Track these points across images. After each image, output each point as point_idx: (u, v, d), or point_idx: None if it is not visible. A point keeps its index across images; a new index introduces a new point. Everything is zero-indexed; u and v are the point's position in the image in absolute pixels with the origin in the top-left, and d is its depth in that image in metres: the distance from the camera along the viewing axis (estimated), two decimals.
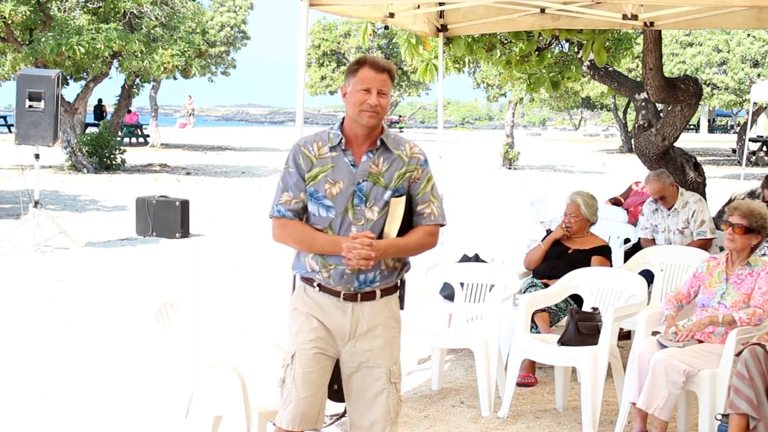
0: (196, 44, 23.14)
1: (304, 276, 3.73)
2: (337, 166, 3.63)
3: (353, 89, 3.61)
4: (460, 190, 18.42)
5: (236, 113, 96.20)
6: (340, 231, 3.62)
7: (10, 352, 6.88)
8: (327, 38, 39.49)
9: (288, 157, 3.69)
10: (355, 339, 3.69)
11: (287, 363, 3.71)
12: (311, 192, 3.64)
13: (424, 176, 3.71)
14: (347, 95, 3.64)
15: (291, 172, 3.66)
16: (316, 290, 3.70)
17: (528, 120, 74.68)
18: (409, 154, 3.69)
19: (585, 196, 6.66)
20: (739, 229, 5.12)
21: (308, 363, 3.68)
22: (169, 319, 4.73)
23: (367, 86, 3.59)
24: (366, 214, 3.62)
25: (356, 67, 3.63)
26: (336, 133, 3.67)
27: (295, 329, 3.72)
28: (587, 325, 5.50)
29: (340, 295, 3.67)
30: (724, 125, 61.65)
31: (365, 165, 3.63)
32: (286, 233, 3.68)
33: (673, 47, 29.93)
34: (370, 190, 3.62)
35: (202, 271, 10.14)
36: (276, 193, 3.71)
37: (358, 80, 3.61)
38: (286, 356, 3.73)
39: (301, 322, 3.71)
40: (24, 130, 11.42)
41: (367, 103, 3.58)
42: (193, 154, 30.56)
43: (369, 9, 6.72)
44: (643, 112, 9.48)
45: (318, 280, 3.68)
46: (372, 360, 3.70)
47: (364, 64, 3.63)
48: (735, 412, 4.59)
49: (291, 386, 3.68)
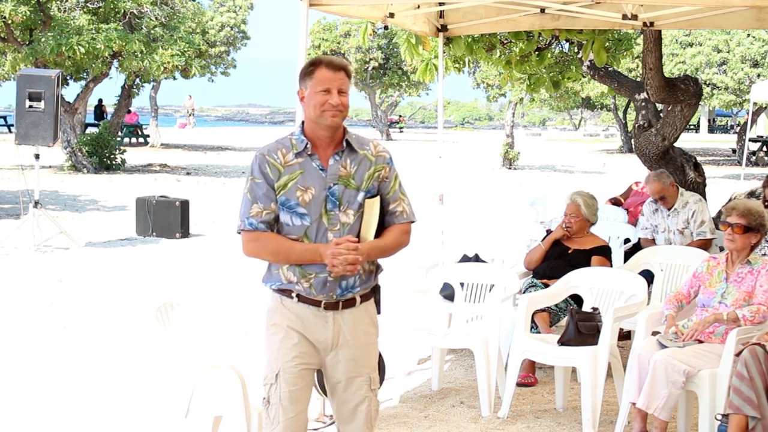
0: (196, 44, 23.14)
1: (280, 288, 3.59)
2: (306, 172, 3.52)
3: (312, 91, 3.51)
4: (460, 190, 18.43)
5: (236, 113, 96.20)
6: (316, 238, 3.52)
7: (10, 352, 6.88)
8: (327, 38, 39.48)
9: (252, 167, 3.55)
10: (337, 348, 3.60)
11: (271, 382, 3.57)
12: (283, 201, 3.51)
13: (391, 174, 3.65)
14: (305, 99, 3.54)
15: (259, 183, 3.52)
16: (295, 301, 3.57)
17: (528, 120, 74.69)
18: (374, 153, 3.63)
19: (585, 196, 6.66)
20: (738, 229, 5.12)
21: (294, 381, 3.56)
22: (169, 319, 4.73)
23: (327, 86, 3.49)
24: (341, 219, 3.53)
25: (312, 69, 3.53)
26: (300, 138, 3.55)
27: (276, 346, 3.59)
28: (587, 325, 5.49)
29: (321, 305, 3.56)
30: (724, 125, 61.65)
31: (334, 168, 3.53)
32: (261, 246, 3.53)
33: (673, 47, 29.93)
34: (343, 193, 3.53)
35: (202, 271, 10.14)
36: (244, 206, 3.55)
37: (316, 81, 3.50)
38: (269, 375, 3.58)
39: (282, 338, 3.58)
40: (24, 130, 11.43)
41: (328, 103, 3.48)
42: (193, 154, 30.56)
43: (369, 9, 6.72)
44: (643, 112, 9.48)
45: (297, 290, 3.56)
46: (354, 369, 3.62)
47: (320, 65, 3.53)
48: (735, 412, 4.59)
49: (277, 406, 3.56)
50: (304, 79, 3.55)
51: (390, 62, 40.46)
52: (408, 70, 37.86)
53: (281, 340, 3.58)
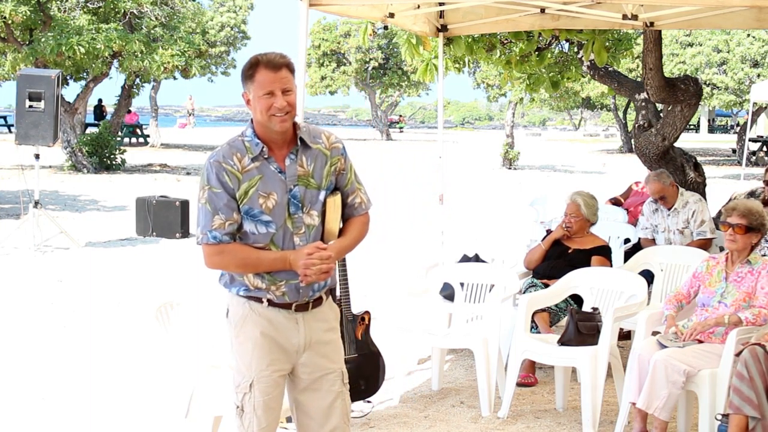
0: (196, 44, 23.15)
1: (249, 294, 3.46)
2: (265, 177, 3.38)
3: (255, 95, 3.34)
4: (460, 190, 18.43)
5: (236, 113, 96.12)
6: (283, 245, 3.40)
7: (10, 352, 6.88)
8: (327, 38, 39.50)
9: (206, 177, 3.37)
10: (309, 349, 3.51)
11: (245, 391, 3.47)
12: (246, 210, 3.37)
13: (347, 165, 3.55)
14: (251, 102, 3.37)
15: (218, 193, 3.34)
16: (265, 306, 3.45)
17: (528, 120, 74.71)
18: (328, 146, 3.49)
19: (585, 196, 6.66)
20: (739, 229, 5.12)
21: (268, 390, 3.47)
22: (169, 319, 4.74)
23: (269, 89, 3.33)
24: (305, 221, 3.43)
25: (251, 71, 3.35)
26: (254, 142, 3.39)
27: (249, 354, 3.46)
28: (587, 325, 5.49)
29: (292, 307, 3.47)
30: (724, 125, 61.68)
31: (292, 169, 3.40)
32: (228, 259, 3.40)
33: (673, 47, 29.94)
34: (304, 194, 3.42)
35: (202, 271, 10.11)
36: (203, 218, 3.38)
37: (258, 85, 3.34)
38: (242, 384, 3.48)
39: (254, 346, 3.45)
40: (24, 130, 11.43)
41: (274, 107, 3.32)
42: (193, 154, 30.57)
43: (369, 9, 6.72)
44: (643, 112, 9.48)
45: (265, 297, 3.45)
46: (326, 366, 3.54)
47: (258, 66, 3.34)
48: (735, 412, 4.59)
49: (252, 415, 3.46)
50: (246, 82, 3.38)
51: (390, 62, 40.48)
52: (408, 70, 37.91)
53: (254, 348, 3.46)
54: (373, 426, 5.31)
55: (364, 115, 71.42)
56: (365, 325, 5.36)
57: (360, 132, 52.98)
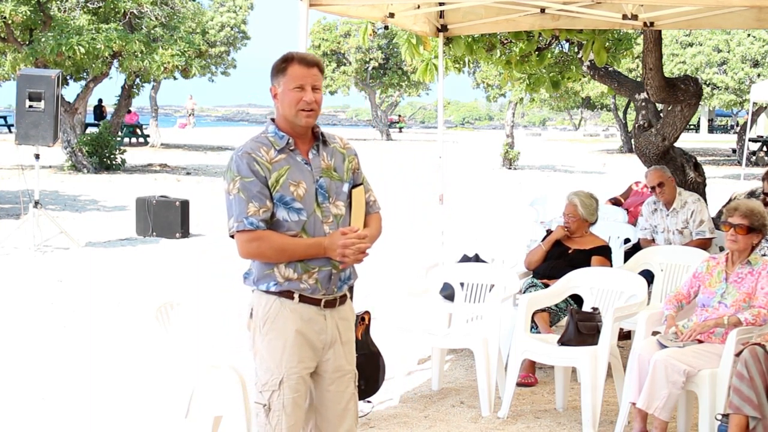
0: (196, 44, 23.14)
1: (280, 290, 3.47)
2: (293, 167, 3.47)
3: (285, 88, 3.45)
4: (460, 190, 18.43)
5: (236, 113, 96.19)
6: (314, 232, 3.46)
7: (10, 352, 6.88)
8: (327, 38, 39.49)
9: (236, 168, 3.44)
10: (332, 347, 3.55)
11: (273, 389, 3.46)
12: (279, 198, 3.43)
13: (359, 165, 3.67)
14: (279, 95, 3.48)
15: (251, 181, 3.41)
16: (296, 302, 3.48)
17: (528, 120, 74.73)
18: (342, 145, 3.64)
19: (583, 196, 6.64)
20: (741, 230, 5.12)
21: (297, 387, 3.49)
22: (169, 319, 4.73)
23: (300, 83, 3.44)
24: (332, 211, 3.50)
25: (284, 65, 3.46)
26: (279, 135, 3.49)
27: (279, 352, 3.46)
28: (587, 325, 5.49)
29: (321, 303, 3.51)
30: (724, 125, 61.68)
31: (316, 161, 3.51)
32: (265, 246, 3.41)
33: (673, 47, 29.95)
34: (330, 185, 3.51)
35: (202, 271, 10.14)
36: (237, 206, 3.42)
37: (289, 78, 3.45)
38: (270, 381, 3.47)
39: (285, 343, 3.46)
40: (24, 130, 11.43)
41: (303, 101, 3.43)
42: (193, 154, 30.57)
43: (369, 9, 6.72)
44: (643, 112, 9.49)
45: (299, 289, 3.47)
46: (343, 366, 3.59)
47: (292, 61, 3.46)
48: (735, 412, 4.59)
49: (280, 413, 3.46)
50: (276, 75, 3.49)
51: (390, 62, 40.48)
52: (408, 70, 37.89)
53: (285, 345, 3.47)
54: (373, 426, 5.31)
55: (364, 115, 71.39)
56: (365, 325, 5.36)
57: (360, 132, 52.97)
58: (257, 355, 3.52)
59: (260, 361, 3.52)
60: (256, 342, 3.52)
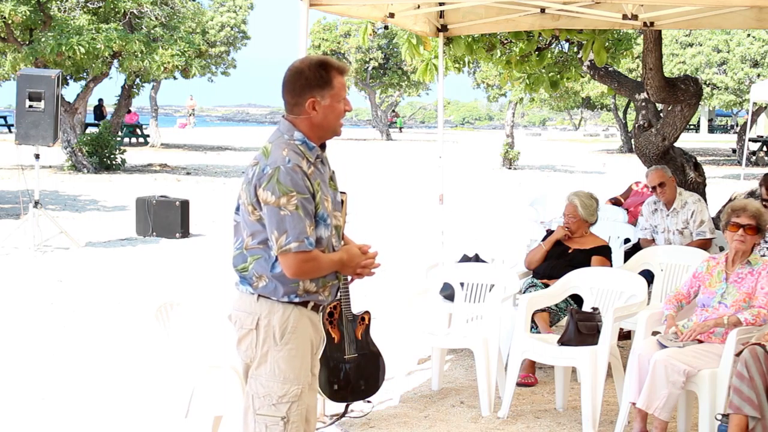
0: (196, 44, 23.15)
1: (299, 300, 3.39)
2: (321, 181, 3.39)
3: (333, 102, 3.35)
4: (460, 190, 18.43)
5: (236, 113, 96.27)
6: (330, 248, 3.40)
7: (10, 352, 6.88)
8: (327, 38, 39.51)
9: (291, 183, 3.24)
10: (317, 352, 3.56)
11: (293, 400, 3.38)
12: (320, 215, 3.34)
13: None
14: (322, 108, 3.34)
15: (307, 198, 3.26)
16: (309, 310, 3.43)
17: (528, 120, 74.75)
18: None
19: (583, 196, 6.65)
20: (750, 230, 5.14)
21: (311, 395, 3.50)
22: (169, 319, 4.74)
23: (343, 94, 3.37)
24: (337, 222, 3.46)
25: (329, 77, 3.35)
26: (310, 146, 3.37)
27: (299, 362, 3.40)
28: (587, 325, 5.49)
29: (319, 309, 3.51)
30: (724, 125, 61.70)
31: (327, 172, 3.45)
32: (316, 266, 3.31)
33: (673, 47, 29.95)
34: (335, 196, 3.46)
35: (202, 271, 10.14)
36: (297, 224, 3.23)
37: (336, 91, 3.36)
38: (291, 392, 3.38)
39: (304, 354, 3.43)
40: (24, 130, 11.43)
41: (344, 112, 3.38)
42: (193, 154, 30.57)
43: (369, 9, 6.72)
44: (643, 112, 9.49)
45: (314, 300, 3.43)
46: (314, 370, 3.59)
47: (332, 70, 3.36)
48: (735, 412, 4.59)
49: (299, 424, 3.41)
50: (319, 88, 3.33)
51: (390, 62, 40.50)
52: (408, 70, 37.93)
53: (304, 355, 3.42)
54: (373, 426, 5.31)
55: (364, 115, 71.42)
56: (365, 325, 5.36)
57: (360, 132, 52.98)
58: (268, 366, 3.39)
59: (274, 372, 3.38)
60: (270, 353, 3.38)
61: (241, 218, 3.41)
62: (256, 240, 3.34)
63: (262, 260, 3.35)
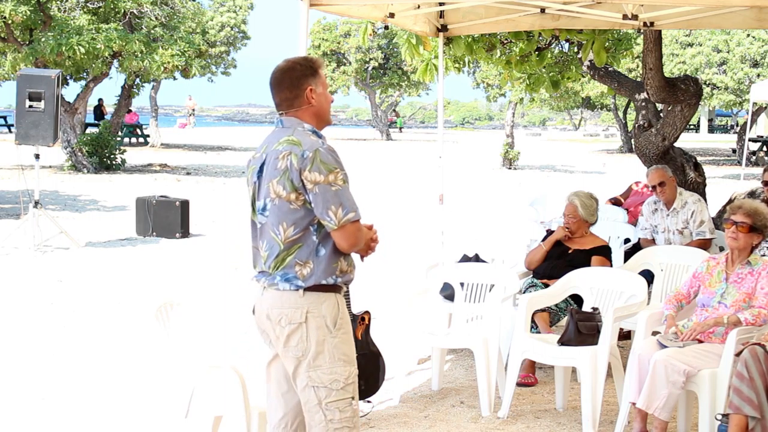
0: (196, 44, 23.15)
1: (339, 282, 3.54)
2: None
3: (323, 89, 3.61)
4: (460, 190, 18.43)
5: (236, 113, 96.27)
6: None
7: (10, 352, 6.88)
8: (327, 38, 39.51)
9: (333, 160, 3.45)
10: None
11: (353, 381, 3.55)
12: None
13: None
14: (317, 95, 3.58)
15: (347, 174, 3.50)
16: (342, 296, 3.60)
17: (528, 120, 74.75)
18: None
19: (583, 196, 6.64)
20: (743, 228, 5.13)
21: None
22: (169, 319, 4.73)
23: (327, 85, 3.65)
24: None
25: (316, 67, 3.61)
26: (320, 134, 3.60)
27: (350, 344, 3.58)
28: (587, 325, 5.50)
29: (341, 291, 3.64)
30: (724, 125, 61.70)
31: None
32: (363, 235, 3.53)
33: (673, 47, 29.94)
34: None
35: (202, 271, 10.14)
36: (349, 197, 3.45)
37: (322, 81, 3.61)
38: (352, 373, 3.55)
39: (351, 335, 3.60)
40: (24, 130, 11.43)
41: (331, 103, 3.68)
42: (193, 154, 30.57)
43: (369, 9, 6.72)
44: (643, 112, 9.48)
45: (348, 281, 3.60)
46: None
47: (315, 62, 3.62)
48: (735, 412, 4.59)
49: (356, 402, 3.57)
50: (311, 77, 3.57)
51: (390, 62, 40.50)
52: (408, 70, 37.92)
53: (350, 339, 3.59)
54: (373, 426, 5.31)
55: (364, 115, 71.42)
56: (365, 325, 5.36)
57: (360, 132, 52.99)
58: (326, 355, 3.50)
59: (333, 359, 3.50)
60: (326, 341, 3.50)
61: (275, 214, 3.48)
62: (297, 228, 3.46)
63: (304, 247, 3.47)
